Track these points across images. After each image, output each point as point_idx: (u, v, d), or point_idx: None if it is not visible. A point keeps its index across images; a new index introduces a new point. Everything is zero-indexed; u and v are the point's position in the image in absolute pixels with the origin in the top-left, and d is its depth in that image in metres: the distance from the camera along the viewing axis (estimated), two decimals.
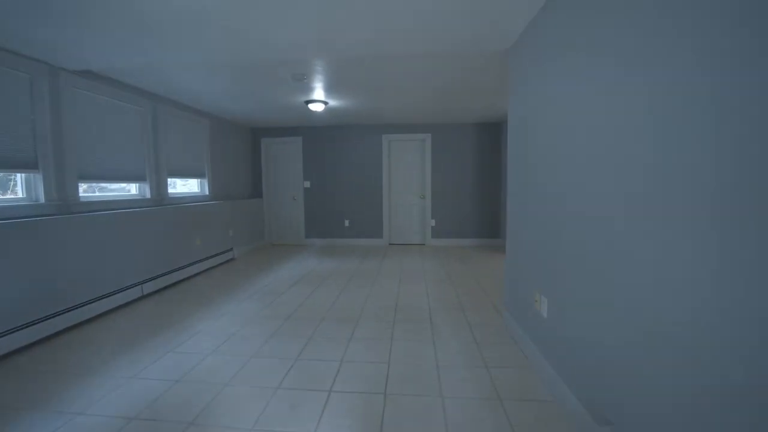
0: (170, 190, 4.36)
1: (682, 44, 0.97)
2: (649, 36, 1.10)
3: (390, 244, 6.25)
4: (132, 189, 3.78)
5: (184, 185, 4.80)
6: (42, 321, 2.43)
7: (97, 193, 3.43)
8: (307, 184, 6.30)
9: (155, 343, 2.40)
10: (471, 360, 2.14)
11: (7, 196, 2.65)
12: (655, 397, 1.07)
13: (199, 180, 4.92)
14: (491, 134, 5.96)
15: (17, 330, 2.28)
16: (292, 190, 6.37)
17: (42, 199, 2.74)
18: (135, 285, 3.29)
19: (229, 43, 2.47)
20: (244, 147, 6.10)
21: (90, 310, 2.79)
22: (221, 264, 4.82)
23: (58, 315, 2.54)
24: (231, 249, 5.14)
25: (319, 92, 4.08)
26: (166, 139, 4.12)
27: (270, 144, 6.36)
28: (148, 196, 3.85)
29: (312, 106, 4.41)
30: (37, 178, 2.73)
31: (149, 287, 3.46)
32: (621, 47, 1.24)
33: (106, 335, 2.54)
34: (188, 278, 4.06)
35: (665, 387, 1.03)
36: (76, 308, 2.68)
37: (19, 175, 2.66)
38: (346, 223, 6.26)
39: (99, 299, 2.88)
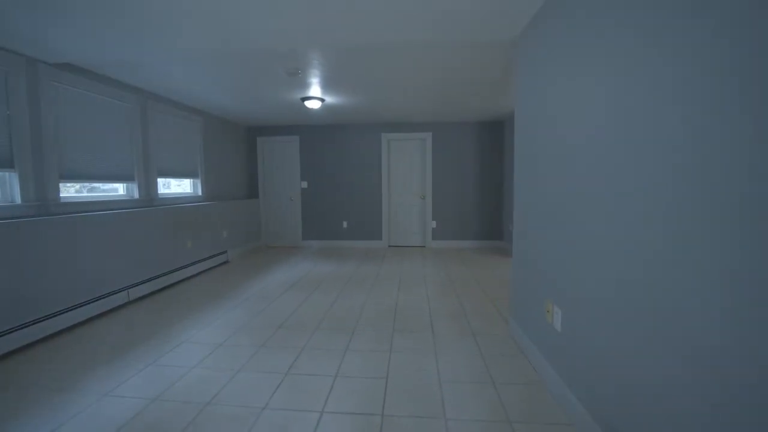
0: (162, 191, 4.20)
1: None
2: (685, 17, 0.93)
3: (389, 246, 6.08)
4: (119, 189, 3.61)
5: (178, 185, 4.63)
6: (14, 331, 2.25)
7: (85, 194, 3.26)
8: (305, 184, 6.13)
9: (136, 355, 2.22)
10: (476, 375, 1.96)
11: None
12: None
13: (191, 180, 4.76)
14: (493, 133, 5.80)
15: None
16: (289, 191, 6.20)
17: (18, 199, 2.57)
18: (120, 290, 3.12)
19: (216, 32, 2.30)
20: (239, 146, 5.93)
21: (68, 318, 2.61)
22: (214, 267, 4.64)
23: (32, 325, 2.37)
24: (225, 251, 4.97)
25: (315, 89, 3.92)
26: (155, 138, 3.95)
27: (266, 143, 6.19)
28: (136, 196, 3.68)
29: (308, 104, 4.24)
30: (13, 178, 2.56)
31: (136, 292, 3.29)
32: (648, 31, 1.07)
33: (82, 346, 2.37)
34: (178, 282, 3.89)
35: (711, 422, 0.86)
36: (53, 317, 2.50)
37: None
38: (344, 224, 6.09)
39: (78, 306, 2.71)
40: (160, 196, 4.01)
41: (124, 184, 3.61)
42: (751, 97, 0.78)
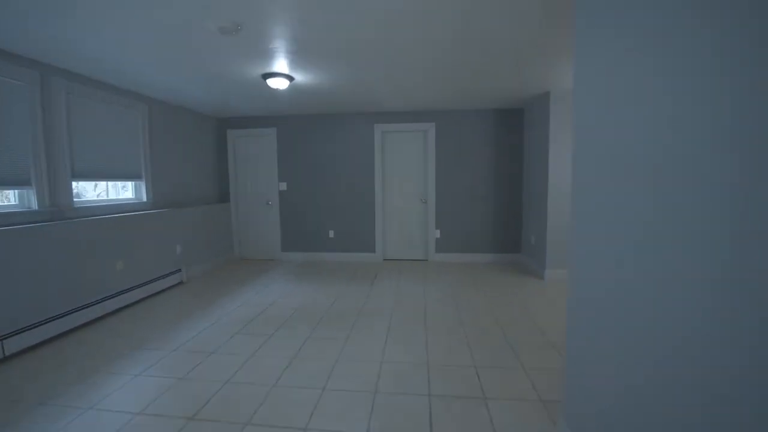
0: (89, 197, 3.26)
1: None
2: None
3: (384, 259, 5.08)
4: (10, 197, 2.67)
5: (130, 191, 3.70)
6: None
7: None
8: (284, 186, 5.14)
9: None
10: None
11: None
12: None
13: (133, 183, 3.80)
14: (510, 122, 4.75)
15: None
16: (266, 194, 5.22)
17: None
18: None
19: None
20: (204, 141, 4.95)
21: None
22: (160, 292, 3.68)
23: None
24: (179, 270, 4.01)
25: (280, 62, 2.93)
26: (70, 128, 2.99)
27: (238, 137, 5.21)
28: (35, 207, 2.73)
29: (272, 82, 3.24)
30: None
31: (15, 344, 2.33)
32: None
33: None
34: (90, 322, 2.89)
35: None
36: None
37: None
38: (331, 233, 5.10)
39: None
40: (76, 205, 3.05)
41: (14, 190, 2.66)
42: None
